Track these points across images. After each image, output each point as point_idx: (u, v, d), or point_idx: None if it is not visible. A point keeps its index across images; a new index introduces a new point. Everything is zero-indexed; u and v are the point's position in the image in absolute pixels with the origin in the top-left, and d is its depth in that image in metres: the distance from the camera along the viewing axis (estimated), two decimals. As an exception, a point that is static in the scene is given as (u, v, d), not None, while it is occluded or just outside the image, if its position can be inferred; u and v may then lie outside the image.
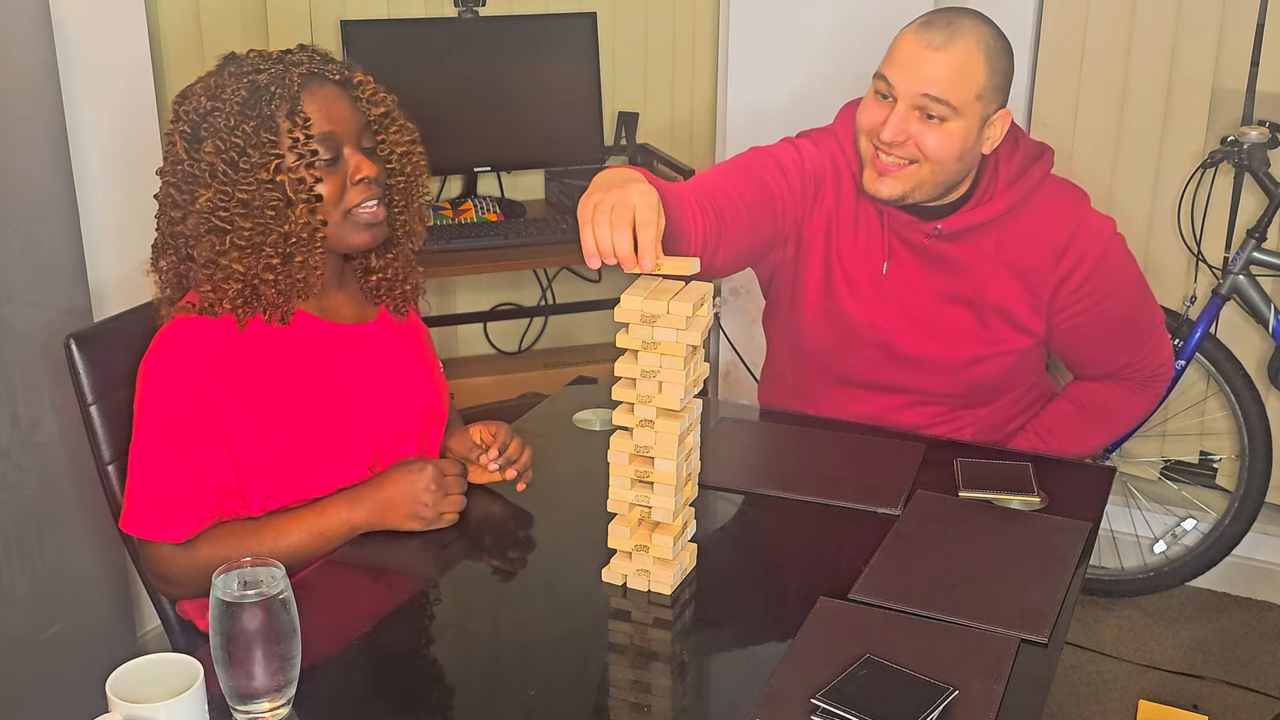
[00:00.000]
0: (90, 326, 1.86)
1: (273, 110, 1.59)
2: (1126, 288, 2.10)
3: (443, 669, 1.44)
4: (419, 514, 1.64)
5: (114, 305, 2.32)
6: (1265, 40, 2.76)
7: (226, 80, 1.62)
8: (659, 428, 1.49)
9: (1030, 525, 1.71)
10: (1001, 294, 2.03)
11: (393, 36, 2.99)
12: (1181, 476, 3.09)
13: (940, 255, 2.03)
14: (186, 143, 1.62)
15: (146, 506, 1.63)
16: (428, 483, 1.64)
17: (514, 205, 3.12)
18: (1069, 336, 2.09)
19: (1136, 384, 2.20)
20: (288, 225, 1.60)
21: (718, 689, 1.44)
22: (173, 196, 1.64)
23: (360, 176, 1.65)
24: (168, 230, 1.67)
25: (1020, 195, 2.00)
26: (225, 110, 1.59)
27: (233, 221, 1.60)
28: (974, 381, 2.09)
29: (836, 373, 2.13)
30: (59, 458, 2.29)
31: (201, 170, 1.59)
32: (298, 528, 1.64)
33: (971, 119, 1.90)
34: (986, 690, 1.34)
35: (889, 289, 2.05)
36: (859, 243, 2.06)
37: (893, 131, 1.89)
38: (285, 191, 1.60)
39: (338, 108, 1.65)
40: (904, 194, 1.95)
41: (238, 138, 1.58)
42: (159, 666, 1.23)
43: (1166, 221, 2.90)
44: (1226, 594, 3.08)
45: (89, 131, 2.39)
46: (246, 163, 1.58)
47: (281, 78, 1.61)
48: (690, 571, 1.59)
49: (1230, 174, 2.83)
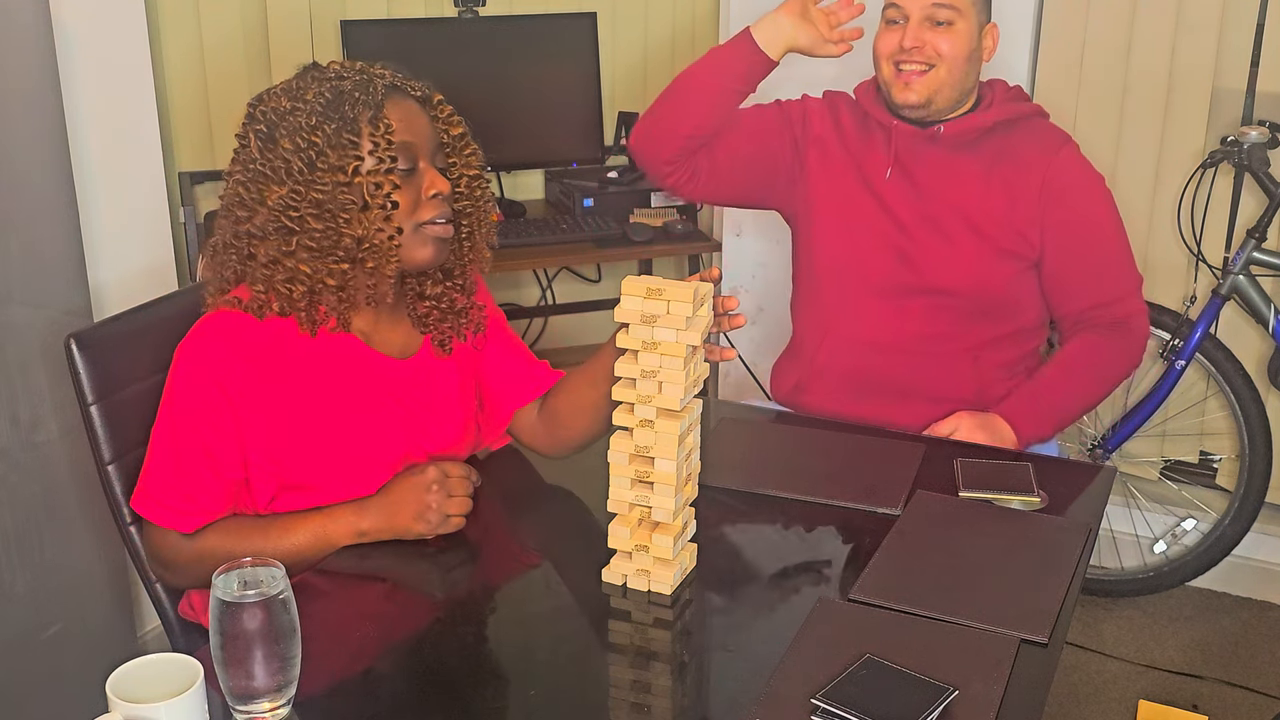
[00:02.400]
0: (90, 326, 1.85)
1: (355, 114, 1.58)
2: (1099, 226, 2.26)
3: (443, 669, 1.43)
4: (424, 516, 1.62)
5: (114, 305, 2.33)
6: (1265, 40, 2.76)
7: (308, 84, 1.61)
8: (659, 428, 1.49)
9: (1030, 525, 1.71)
10: (997, 204, 2.21)
11: (393, 36, 2.99)
12: (1181, 476, 3.09)
13: (941, 163, 2.24)
14: (261, 141, 1.60)
15: (161, 491, 1.63)
16: (429, 483, 1.63)
17: (514, 205, 3.12)
18: (1048, 261, 2.24)
19: (1106, 330, 2.25)
20: (362, 229, 1.59)
21: (718, 689, 1.44)
22: (241, 196, 1.62)
23: (434, 192, 1.63)
24: (231, 231, 1.63)
25: (1015, 113, 2.24)
26: (306, 110, 1.58)
27: (304, 221, 1.58)
28: (980, 286, 2.23)
29: (853, 282, 2.28)
30: (59, 458, 2.29)
31: (276, 167, 1.58)
32: (303, 529, 1.63)
33: (972, 21, 2.19)
34: (986, 690, 1.34)
35: (892, 195, 2.25)
36: (865, 155, 2.28)
37: (912, 38, 2.16)
38: (362, 195, 1.59)
39: (417, 121, 1.64)
40: (929, 97, 2.19)
41: (317, 137, 1.57)
42: (159, 666, 1.23)
43: (1166, 221, 2.90)
44: (1226, 594, 3.08)
45: (89, 131, 2.39)
46: (324, 163, 1.57)
47: (365, 85, 1.60)
48: (690, 571, 1.59)
49: (1230, 174, 2.83)
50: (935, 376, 2.24)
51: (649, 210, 3.10)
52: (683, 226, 3.02)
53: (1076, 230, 2.23)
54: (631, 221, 3.05)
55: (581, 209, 3.06)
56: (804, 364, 2.33)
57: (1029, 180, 2.21)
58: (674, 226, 3.01)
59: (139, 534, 1.74)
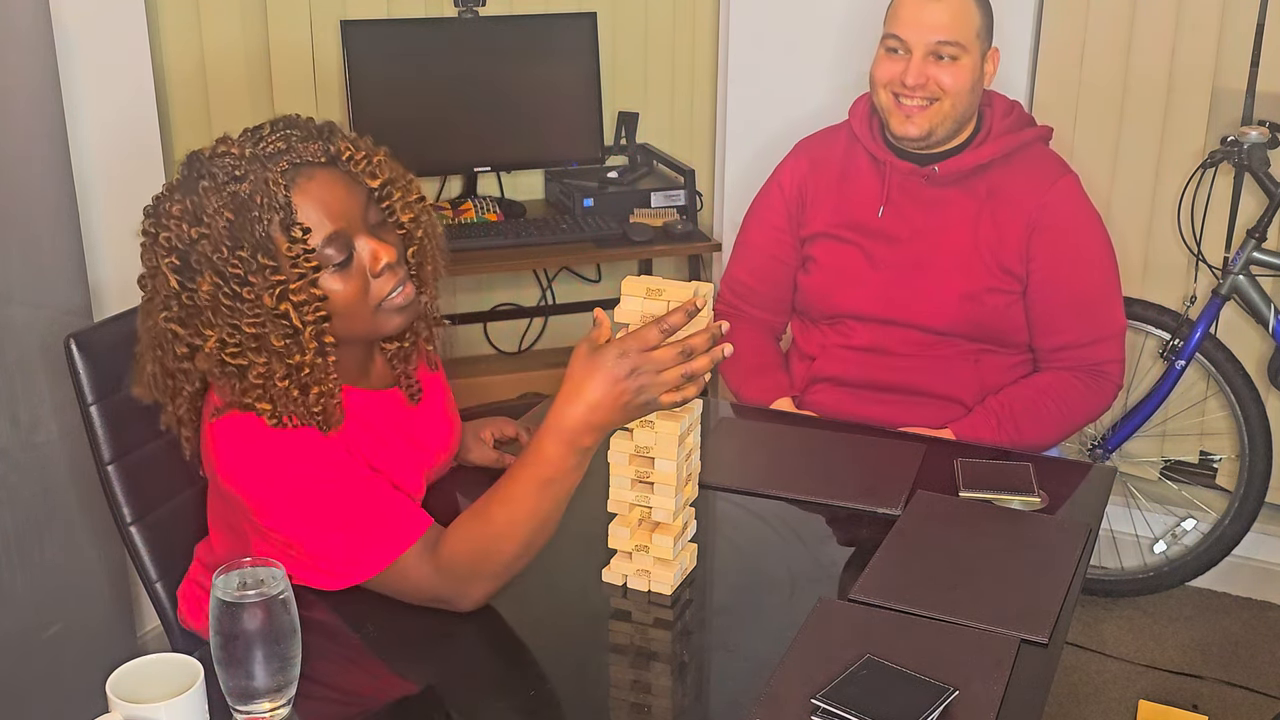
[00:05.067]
0: (90, 327, 1.86)
1: (265, 228, 1.41)
2: (1087, 263, 2.23)
3: (443, 669, 1.43)
4: (642, 394, 1.37)
5: (114, 305, 2.33)
6: (1265, 40, 2.76)
7: (205, 199, 1.42)
8: (659, 428, 1.49)
9: (1030, 525, 1.71)
10: (988, 237, 2.20)
11: (393, 36, 2.99)
12: (1181, 476, 3.09)
13: (934, 200, 2.23)
14: (178, 275, 1.43)
15: (359, 544, 1.47)
16: (622, 367, 1.37)
17: (514, 205, 3.12)
18: (1030, 291, 2.21)
19: (1080, 373, 2.23)
20: (299, 356, 1.45)
21: (718, 689, 1.44)
22: (176, 333, 1.46)
23: (381, 266, 1.48)
24: (175, 367, 1.49)
25: (1010, 147, 2.21)
26: (213, 238, 1.41)
27: (246, 357, 1.44)
28: (971, 324, 2.22)
29: (840, 310, 2.30)
30: (59, 458, 2.29)
31: (203, 306, 1.43)
32: (520, 488, 1.42)
33: (975, 54, 2.17)
34: (986, 690, 1.34)
35: (884, 231, 2.24)
36: (858, 193, 2.28)
37: (914, 76, 2.14)
38: (292, 320, 1.43)
39: (335, 197, 1.46)
40: (929, 130, 2.18)
41: (235, 267, 1.40)
42: (159, 666, 1.23)
43: (1166, 221, 2.90)
44: (1226, 594, 3.08)
45: (89, 131, 2.39)
46: (250, 293, 1.41)
47: (264, 184, 1.41)
48: (690, 571, 1.59)
49: (1230, 174, 2.83)
50: (935, 379, 2.24)
51: (649, 210, 3.10)
52: (682, 226, 3.01)
53: (1061, 263, 2.20)
54: (631, 221, 3.05)
55: (581, 209, 3.06)
56: (803, 368, 2.34)
57: (1020, 212, 2.19)
58: (674, 226, 3.01)
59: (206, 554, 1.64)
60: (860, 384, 2.27)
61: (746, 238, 2.43)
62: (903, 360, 2.25)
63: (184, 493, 1.83)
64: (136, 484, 1.79)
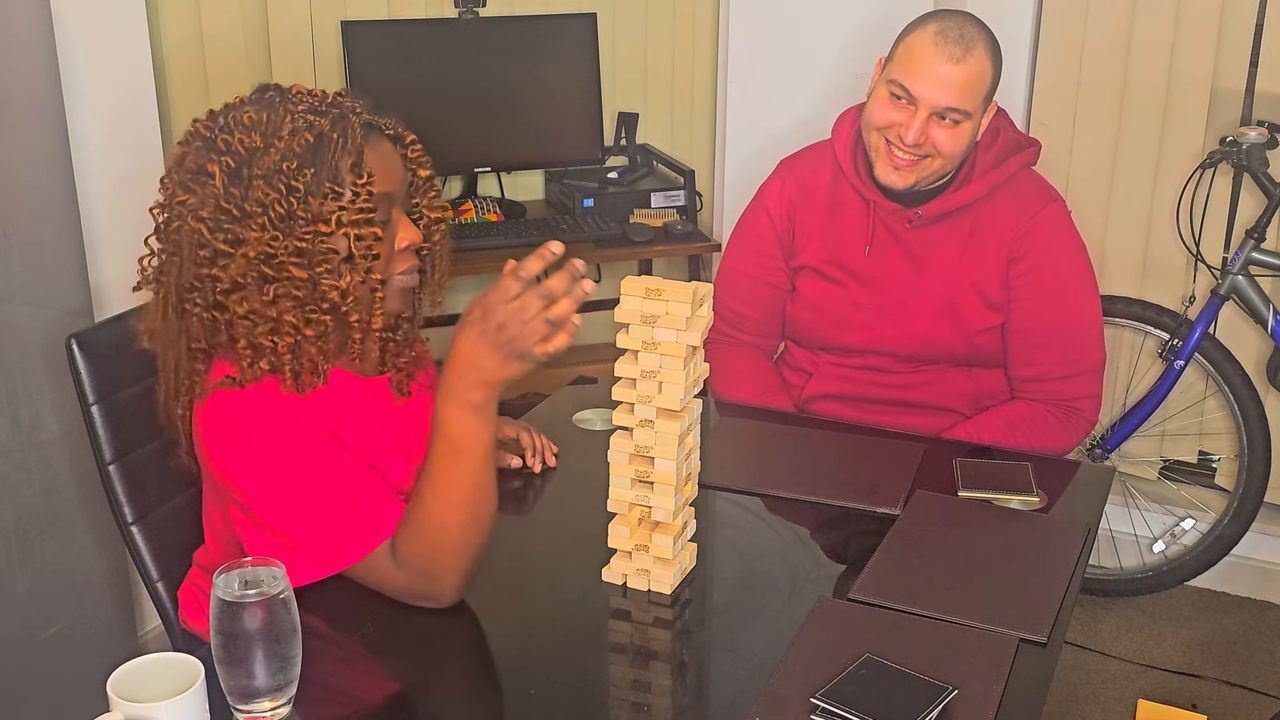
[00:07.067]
0: (91, 327, 1.86)
1: (337, 161, 1.47)
2: (1066, 292, 2.18)
3: (443, 669, 1.44)
4: (513, 344, 1.39)
5: (114, 305, 2.33)
6: (1265, 40, 2.76)
7: (281, 119, 1.48)
8: (659, 428, 1.49)
9: (1030, 525, 1.71)
10: (973, 274, 2.17)
11: (393, 36, 2.99)
12: (1180, 476, 3.09)
13: (919, 238, 2.19)
14: (227, 176, 1.46)
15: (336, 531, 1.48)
16: (490, 320, 1.39)
17: (514, 205, 3.12)
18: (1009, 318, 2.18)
19: (1053, 406, 2.18)
20: (345, 281, 1.49)
21: (718, 689, 1.44)
22: (204, 236, 1.47)
23: (406, 244, 1.55)
24: (194, 272, 1.49)
25: (994, 183, 2.16)
26: (283, 152, 1.46)
27: (284, 269, 1.47)
28: (958, 355, 2.21)
29: (828, 343, 2.29)
30: (59, 458, 2.29)
31: (251, 211, 1.46)
32: (437, 465, 1.44)
33: (979, 116, 2.11)
34: (986, 690, 1.34)
35: (870, 270, 2.21)
36: (845, 229, 2.23)
37: (917, 134, 2.07)
38: (348, 245, 1.48)
39: (393, 167, 1.55)
40: (915, 183, 2.13)
41: (298, 182, 1.45)
42: (159, 666, 1.23)
43: (1166, 221, 2.90)
44: (1226, 594, 3.08)
45: (89, 132, 2.39)
46: (306, 210, 1.46)
47: (344, 126, 1.49)
48: (690, 571, 1.59)
49: (1229, 174, 2.84)
50: (930, 392, 2.24)
51: (649, 211, 3.10)
52: (682, 227, 3.02)
53: (1040, 294, 2.16)
54: (631, 222, 3.05)
55: (581, 209, 3.07)
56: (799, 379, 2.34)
57: (1002, 244, 2.15)
58: (674, 227, 3.01)
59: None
60: (856, 398, 2.26)
61: (735, 264, 2.35)
62: (897, 377, 2.24)
63: (185, 492, 1.83)
64: (137, 484, 1.79)
